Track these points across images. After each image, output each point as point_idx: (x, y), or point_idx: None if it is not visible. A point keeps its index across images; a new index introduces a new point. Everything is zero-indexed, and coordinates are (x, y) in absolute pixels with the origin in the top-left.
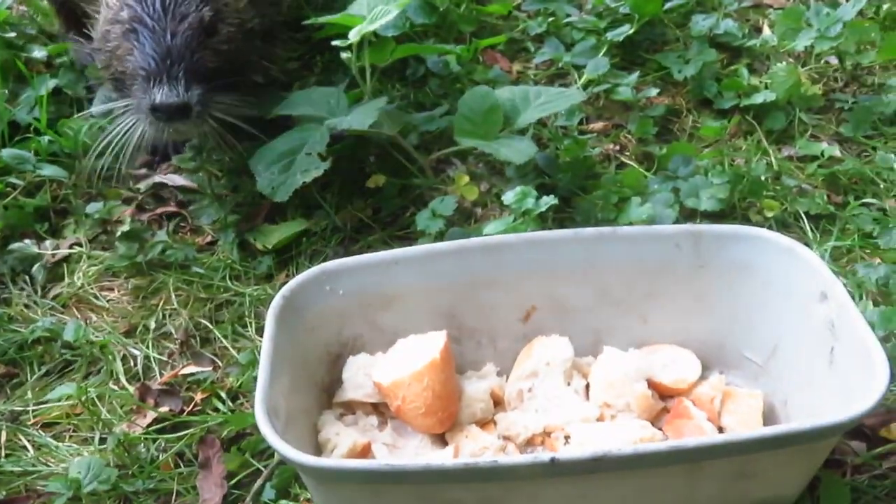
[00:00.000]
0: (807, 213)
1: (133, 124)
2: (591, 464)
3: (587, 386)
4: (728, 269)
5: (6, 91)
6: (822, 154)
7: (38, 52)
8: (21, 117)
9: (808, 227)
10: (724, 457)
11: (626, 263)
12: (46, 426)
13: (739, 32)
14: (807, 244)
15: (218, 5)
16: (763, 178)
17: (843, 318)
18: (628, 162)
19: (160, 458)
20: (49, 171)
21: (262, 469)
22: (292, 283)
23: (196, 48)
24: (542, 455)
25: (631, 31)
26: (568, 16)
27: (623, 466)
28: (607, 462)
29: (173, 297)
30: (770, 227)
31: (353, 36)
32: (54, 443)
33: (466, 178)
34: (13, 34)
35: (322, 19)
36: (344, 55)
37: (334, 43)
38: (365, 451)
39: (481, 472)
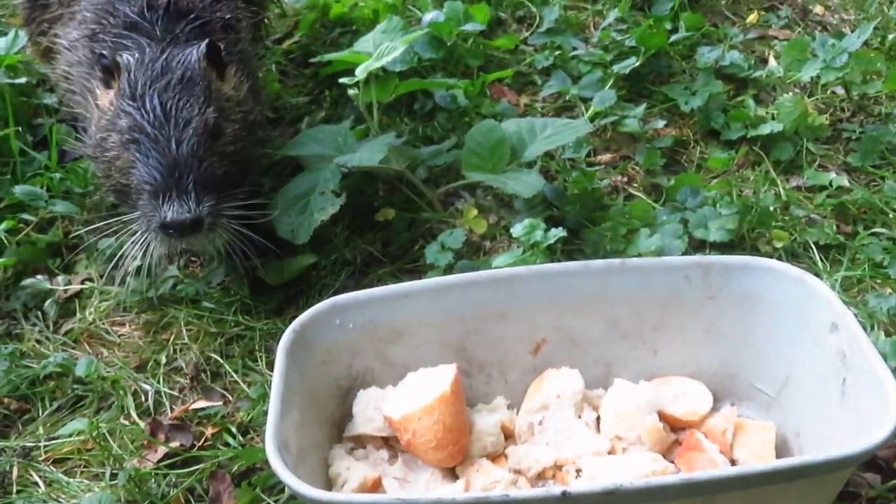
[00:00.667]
0: (816, 244)
1: (143, 244)
2: (603, 497)
3: (598, 418)
4: (738, 301)
5: (19, 129)
6: (831, 184)
7: (49, 99)
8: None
9: (817, 258)
10: (738, 489)
11: (636, 295)
12: (58, 462)
13: (745, 64)
14: (817, 274)
15: (220, 104)
16: (772, 208)
17: (854, 349)
18: (636, 193)
19: (171, 493)
20: (61, 207)
21: None
22: (303, 317)
23: (203, 155)
24: (553, 489)
25: (637, 64)
26: (574, 49)
27: (635, 500)
28: (619, 496)
29: (184, 331)
30: (779, 258)
31: (360, 73)
32: (65, 478)
33: (475, 212)
34: (24, 80)
35: (329, 56)
36: (351, 91)
37: (342, 80)
38: (376, 486)
39: None
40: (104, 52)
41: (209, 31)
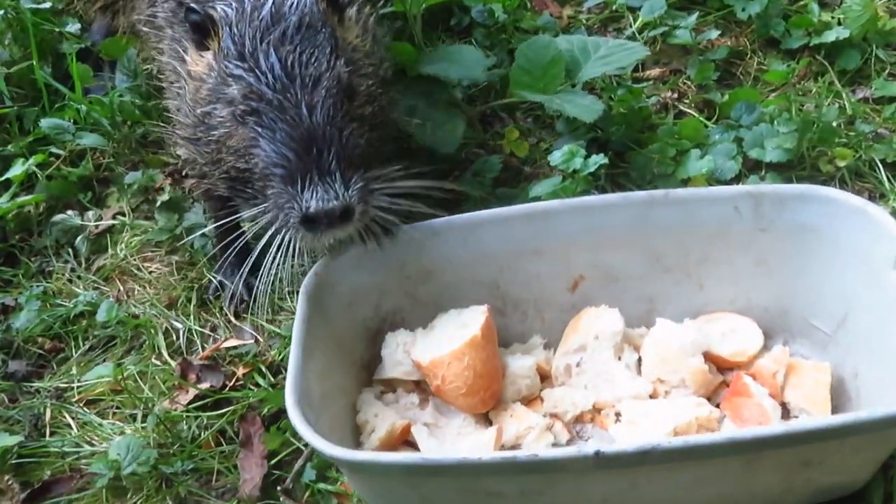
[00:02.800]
0: (883, 161)
1: (279, 244)
2: (638, 457)
3: (639, 360)
4: (793, 233)
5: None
6: None
7: (72, 27)
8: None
9: (884, 177)
10: (785, 447)
11: (680, 228)
12: (90, 403)
13: None
14: (882, 195)
15: (348, 55)
16: (835, 123)
17: None
18: (687, 111)
19: (201, 436)
20: (89, 139)
21: (303, 449)
22: (325, 258)
23: (342, 122)
24: (585, 449)
25: None
26: None
27: (672, 460)
28: (654, 456)
29: (205, 272)
30: (842, 178)
31: None
32: (98, 420)
33: (517, 133)
34: (48, 4)
35: None
36: None
37: None
38: (405, 433)
39: (520, 466)
40: (192, 4)
41: None
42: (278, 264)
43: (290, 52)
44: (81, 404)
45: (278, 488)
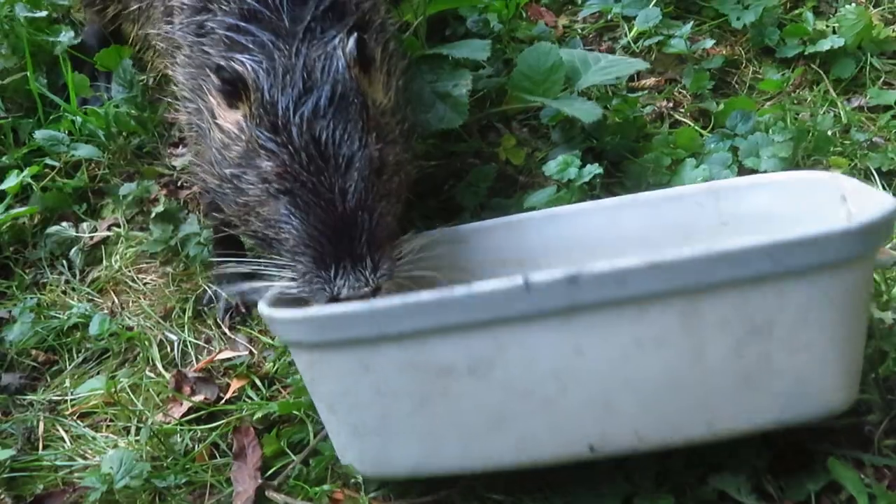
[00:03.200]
0: (878, 170)
1: (297, 291)
2: (567, 285)
3: None
4: (751, 223)
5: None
6: None
7: (65, 36)
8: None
9: (879, 185)
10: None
11: (650, 229)
12: (84, 415)
13: None
14: None
15: (377, 122)
16: (830, 132)
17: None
18: (683, 120)
19: (195, 448)
20: (84, 151)
21: (294, 458)
22: None
23: (372, 203)
24: (516, 278)
25: None
26: None
27: (601, 285)
28: (584, 283)
29: (201, 281)
30: None
31: None
32: (91, 433)
33: (513, 141)
34: (43, 13)
35: None
36: None
37: None
38: None
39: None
40: (221, 60)
41: (342, 9)
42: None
43: (324, 129)
44: (75, 417)
45: (267, 493)
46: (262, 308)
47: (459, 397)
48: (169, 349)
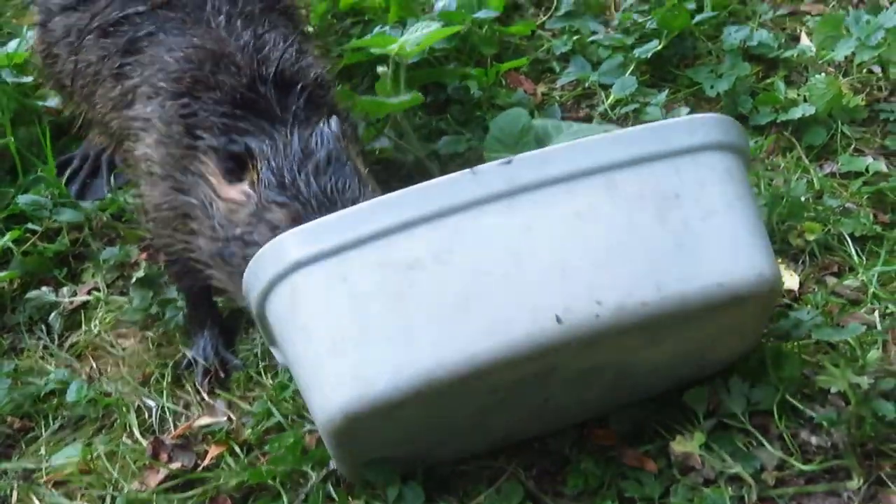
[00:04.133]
0: (851, 235)
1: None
2: (504, 167)
3: None
4: None
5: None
6: (867, 170)
7: (53, 101)
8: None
9: (853, 250)
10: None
11: None
12: (59, 484)
13: (775, 43)
14: (851, 269)
15: (367, 180)
16: (803, 198)
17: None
18: None
19: None
20: (66, 215)
21: None
22: None
23: None
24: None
25: (660, 47)
26: (594, 33)
27: (531, 166)
28: (517, 164)
29: (180, 346)
30: (812, 251)
31: (396, 47)
32: (66, 502)
33: None
34: (30, 79)
35: (359, 42)
36: (381, 69)
37: (374, 50)
38: None
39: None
40: (220, 141)
41: (317, 101)
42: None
43: (328, 182)
44: (49, 486)
45: None
46: (246, 276)
47: (427, 286)
48: (147, 415)
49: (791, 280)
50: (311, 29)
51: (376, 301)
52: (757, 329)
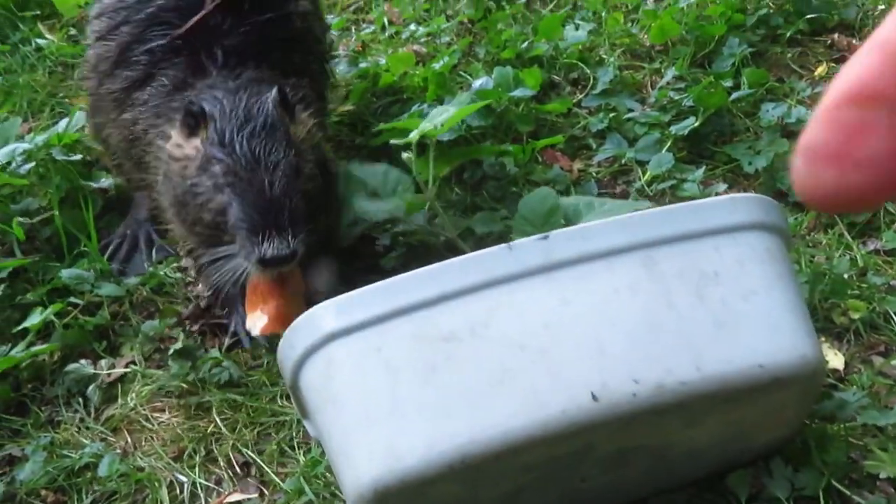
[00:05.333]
0: None
1: (236, 272)
2: (541, 242)
3: None
4: None
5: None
6: None
7: (106, 182)
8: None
9: None
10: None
11: None
12: None
13: None
14: None
15: (296, 146)
16: (846, 275)
17: None
18: None
19: None
20: (107, 289)
21: None
22: None
23: (292, 194)
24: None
25: (696, 124)
26: (630, 111)
27: (570, 241)
28: (554, 240)
29: (218, 420)
30: (857, 330)
31: (413, 136)
32: None
33: None
34: (79, 157)
35: (383, 126)
36: (405, 155)
37: (393, 142)
38: None
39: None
40: (184, 102)
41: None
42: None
43: (258, 145)
44: None
45: None
46: (280, 347)
47: (463, 359)
48: (178, 491)
49: (835, 359)
50: (350, 107)
51: (411, 373)
52: (801, 413)
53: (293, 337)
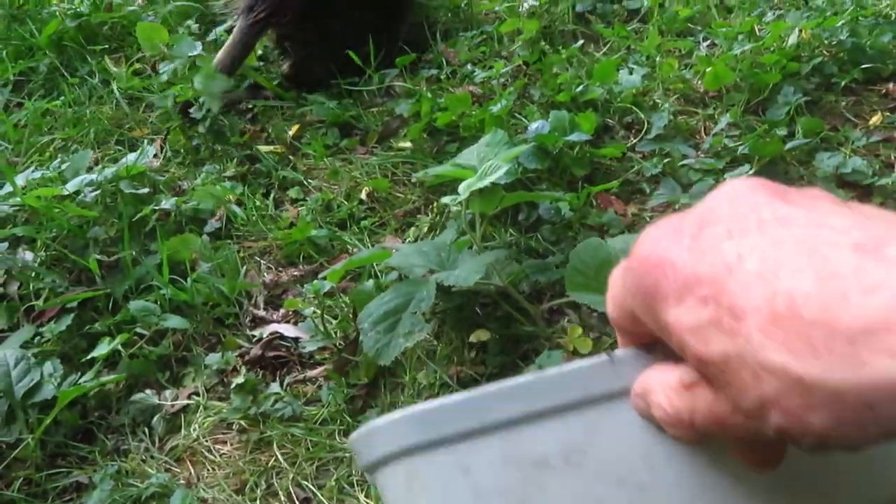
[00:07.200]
0: None
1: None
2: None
3: None
4: None
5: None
6: None
7: (167, 203)
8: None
9: None
10: None
11: None
12: None
13: (869, 170)
14: None
15: None
16: None
17: None
18: None
19: None
20: (172, 322)
21: None
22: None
23: None
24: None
25: (751, 172)
26: (684, 156)
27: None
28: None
29: (278, 454)
30: None
31: (462, 192)
32: None
33: (580, 331)
34: (146, 190)
35: (433, 171)
36: (454, 208)
37: (444, 200)
38: None
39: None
40: None
41: None
42: None
43: None
44: None
45: None
46: (353, 436)
47: (556, 491)
48: None
49: None
50: (408, 143)
51: (501, 501)
52: None
53: (369, 436)
